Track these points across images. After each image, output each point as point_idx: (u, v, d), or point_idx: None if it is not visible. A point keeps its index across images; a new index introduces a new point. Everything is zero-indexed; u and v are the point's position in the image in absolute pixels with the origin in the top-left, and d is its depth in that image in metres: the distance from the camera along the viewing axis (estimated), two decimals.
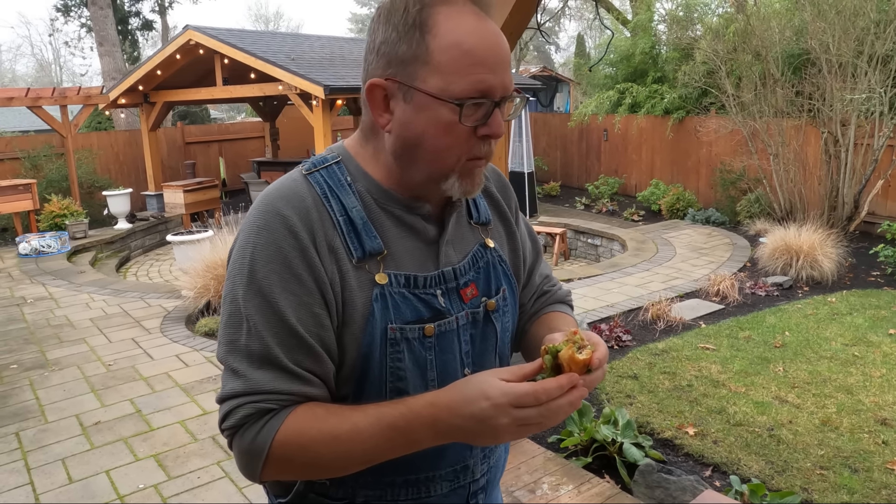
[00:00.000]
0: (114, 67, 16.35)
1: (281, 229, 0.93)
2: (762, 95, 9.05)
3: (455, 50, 0.91)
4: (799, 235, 6.94)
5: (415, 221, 1.02)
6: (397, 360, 0.97)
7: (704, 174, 11.07)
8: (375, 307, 0.96)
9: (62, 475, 3.46)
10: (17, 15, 68.05)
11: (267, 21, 52.23)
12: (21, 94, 10.19)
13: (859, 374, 4.51)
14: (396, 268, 0.99)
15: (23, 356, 5.22)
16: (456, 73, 0.91)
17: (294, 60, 10.39)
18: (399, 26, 0.93)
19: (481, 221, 1.12)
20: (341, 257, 0.96)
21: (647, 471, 3.08)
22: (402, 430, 0.88)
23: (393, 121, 0.96)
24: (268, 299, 0.92)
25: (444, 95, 0.91)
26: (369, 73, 0.97)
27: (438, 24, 0.92)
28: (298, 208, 0.95)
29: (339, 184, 0.99)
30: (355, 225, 0.97)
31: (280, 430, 0.90)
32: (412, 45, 0.92)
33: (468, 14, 0.93)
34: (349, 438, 0.89)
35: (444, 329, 1.01)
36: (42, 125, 15.38)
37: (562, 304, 1.25)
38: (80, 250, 9.32)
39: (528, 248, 1.23)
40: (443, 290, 1.02)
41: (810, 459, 3.45)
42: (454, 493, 1.09)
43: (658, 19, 12.72)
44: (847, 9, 7.93)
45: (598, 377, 0.89)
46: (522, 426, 0.85)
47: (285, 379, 0.92)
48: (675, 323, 5.56)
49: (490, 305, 1.08)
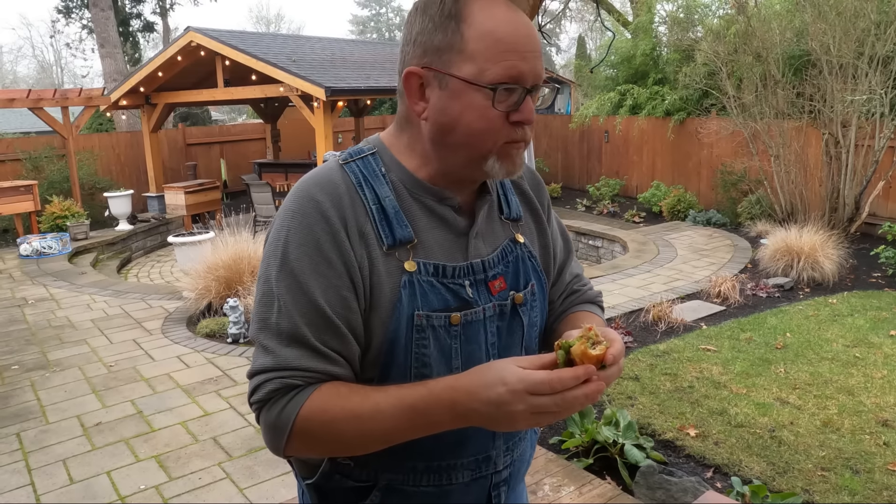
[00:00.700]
0: (115, 69, 16.37)
1: (314, 214, 0.97)
2: (763, 97, 9.05)
3: (488, 38, 0.94)
4: (800, 237, 6.93)
5: (445, 212, 1.05)
6: (422, 347, 0.99)
7: (705, 176, 11.07)
8: (403, 294, 0.98)
9: (63, 476, 3.46)
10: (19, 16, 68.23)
11: (268, 23, 52.30)
12: (22, 96, 10.20)
13: (860, 376, 4.51)
14: (426, 257, 1.01)
15: (24, 357, 5.23)
16: (489, 60, 0.94)
17: (295, 62, 10.40)
18: (435, 17, 0.97)
19: (512, 217, 1.14)
20: (371, 244, 0.99)
21: (648, 472, 3.08)
22: (422, 412, 0.91)
23: (429, 108, 0.99)
24: (298, 280, 0.96)
25: (478, 81, 0.95)
26: (406, 63, 1.01)
27: (473, 13, 0.95)
28: (332, 195, 0.99)
29: (374, 174, 1.03)
30: (387, 213, 1.00)
31: (304, 406, 0.93)
32: (447, 34, 0.96)
33: (500, 4, 0.97)
34: (370, 417, 0.92)
35: (470, 319, 1.03)
36: (43, 126, 15.40)
37: (591, 304, 1.26)
38: (81, 251, 9.33)
39: (559, 245, 1.25)
40: (471, 280, 1.04)
41: (812, 461, 3.45)
42: (476, 483, 1.11)
43: (659, 21, 12.72)
44: (847, 10, 7.93)
45: (614, 373, 0.91)
46: (537, 414, 0.86)
47: (312, 357, 0.95)
48: (676, 324, 5.56)
49: (517, 299, 1.09)
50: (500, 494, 1.15)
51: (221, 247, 6.29)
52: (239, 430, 3.92)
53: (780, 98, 8.88)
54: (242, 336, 5.38)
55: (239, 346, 5.30)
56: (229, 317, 5.35)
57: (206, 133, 15.00)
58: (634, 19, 14.06)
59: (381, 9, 49.16)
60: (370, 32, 47.97)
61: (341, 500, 1.09)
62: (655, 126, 11.79)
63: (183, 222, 11.42)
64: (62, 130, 10.82)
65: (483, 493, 1.13)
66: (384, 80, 11.33)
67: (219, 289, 5.93)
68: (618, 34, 14.01)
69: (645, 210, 11.16)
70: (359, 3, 49.00)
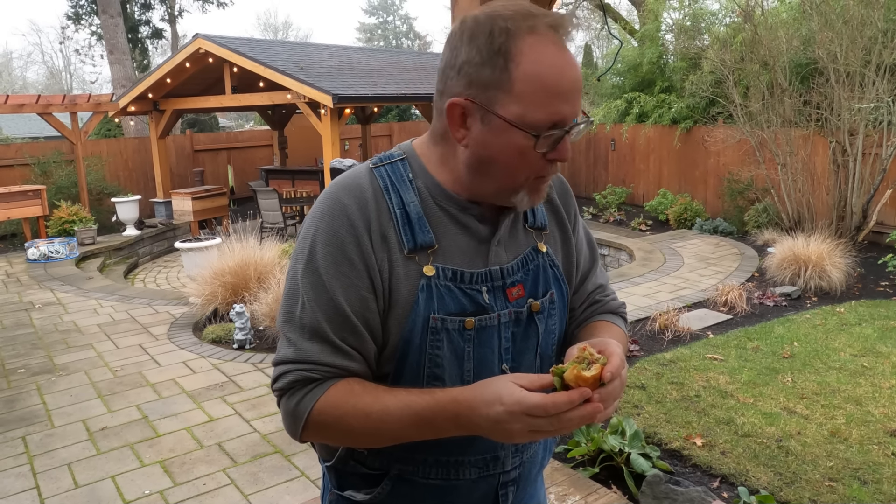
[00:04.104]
0: (124, 75, 16.47)
1: (340, 217, 1.02)
2: (770, 105, 9.04)
3: (536, 82, 0.94)
4: (807, 245, 6.90)
5: (468, 221, 1.07)
6: (436, 349, 1.03)
7: (712, 184, 11.05)
8: (420, 296, 1.02)
9: (68, 480, 3.46)
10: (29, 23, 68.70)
11: (276, 30, 52.57)
12: (32, 101, 10.28)
13: (868, 385, 4.47)
14: (445, 262, 1.05)
15: (30, 361, 5.24)
16: (534, 104, 0.95)
17: (303, 69, 10.45)
18: (483, 50, 0.96)
19: (536, 226, 1.16)
20: (393, 247, 1.03)
21: (654, 482, 3.06)
22: (427, 420, 0.96)
23: (469, 137, 1.01)
24: (322, 279, 1.01)
25: (522, 124, 0.96)
26: (448, 88, 1.00)
27: (522, 53, 0.94)
28: (359, 199, 1.03)
29: (401, 179, 1.06)
30: (410, 218, 1.04)
31: (320, 400, 1.00)
32: (495, 71, 0.95)
33: (550, 45, 0.96)
34: (379, 418, 0.97)
35: (484, 324, 1.06)
36: (52, 132, 15.50)
37: (613, 314, 1.26)
38: (88, 256, 9.36)
39: (584, 255, 1.26)
40: (489, 287, 1.07)
41: (819, 471, 3.42)
42: (483, 481, 1.14)
43: (665, 29, 12.74)
44: (854, 18, 7.92)
45: (616, 387, 0.93)
46: (534, 432, 0.90)
47: (330, 352, 1.01)
48: (682, 333, 5.53)
49: (534, 307, 1.11)
50: (508, 494, 1.18)
51: (228, 253, 6.31)
52: (244, 436, 3.92)
53: (787, 106, 8.87)
54: (248, 342, 5.39)
55: (244, 352, 5.31)
56: (235, 323, 5.36)
57: (213, 139, 15.07)
58: (641, 27, 14.07)
59: (389, 16, 49.34)
60: (377, 40, 48.15)
61: (356, 483, 1.15)
62: (662, 134, 11.78)
63: (190, 228, 11.46)
64: (71, 136, 10.88)
65: (490, 491, 1.16)
66: (391, 88, 11.37)
67: (225, 295, 5.95)
68: (624, 42, 14.03)
69: (651, 218, 11.14)
70: (366, 11, 49.22)
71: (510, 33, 0.95)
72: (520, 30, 0.95)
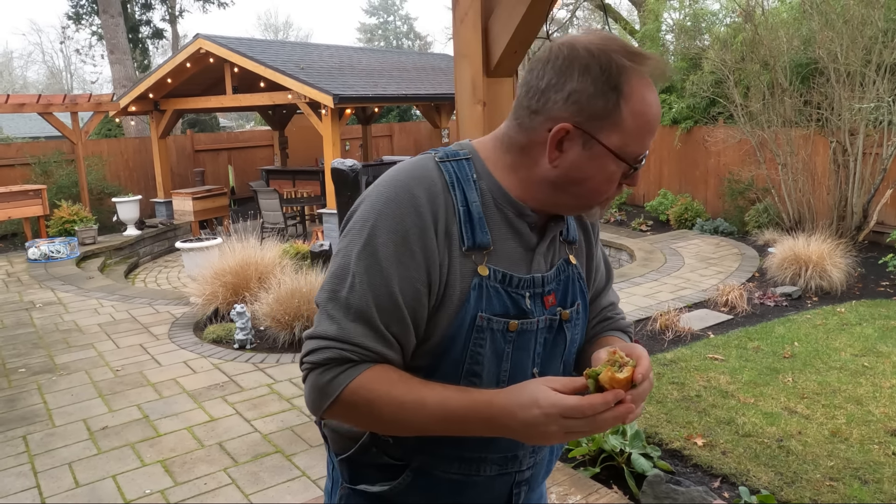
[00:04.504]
0: (124, 75, 16.48)
1: (408, 206, 1.03)
2: (770, 105, 9.03)
3: (641, 118, 1.02)
4: (808, 245, 6.90)
5: (522, 227, 1.11)
6: (479, 346, 1.07)
7: (713, 184, 11.05)
8: (472, 295, 1.05)
9: (69, 479, 3.46)
10: (29, 22, 68.74)
11: (276, 30, 52.57)
12: (32, 101, 10.29)
13: (869, 385, 4.47)
14: (496, 264, 1.08)
15: (31, 360, 5.25)
16: (634, 137, 1.03)
17: (303, 69, 10.45)
18: (598, 82, 1.01)
19: (569, 239, 1.21)
20: (453, 243, 1.05)
21: (655, 481, 3.06)
22: (460, 419, 0.99)
23: (561, 159, 1.05)
24: (380, 265, 1.02)
25: (621, 154, 1.03)
26: (547, 110, 1.04)
27: (633, 91, 1.01)
28: (429, 191, 1.05)
29: (466, 178, 1.09)
30: (472, 217, 1.06)
31: (354, 381, 1.01)
32: (608, 104, 1.01)
33: (649, 84, 1.04)
34: (412, 409, 1.00)
35: (525, 328, 1.10)
36: (53, 131, 15.51)
37: (621, 332, 1.30)
38: (88, 256, 9.37)
39: (601, 272, 1.31)
40: (531, 293, 1.12)
41: (820, 471, 3.42)
42: (500, 479, 1.18)
43: (666, 29, 12.74)
44: (855, 18, 7.92)
45: (646, 388, 0.98)
46: (569, 433, 0.95)
47: (373, 337, 1.02)
48: (683, 333, 5.53)
49: (564, 315, 1.16)
50: (521, 493, 1.22)
51: (229, 253, 6.31)
52: (245, 435, 3.92)
53: (788, 106, 8.86)
54: (249, 342, 5.39)
55: (245, 352, 5.31)
56: (236, 323, 5.36)
57: (214, 139, 15.07)
58: (641, 28, 14.07)
59: (389, 17, 49.34)
60: (378, 40, 48.15)
61: (372, 476, 1.15)
62: (662, 134, 11.78)
63: (190, 228, 11.47)
64: (71, 136, 10.89)
65: (505, 489, 1.19)
66: (392, 88, 11.37)
67: (226, 295, 5.95)
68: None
69: (652, 218, 11.14)
70: (366, 11, 49.22)
71: (624, 71, 1.01)
72: (632, 69, 1.01)
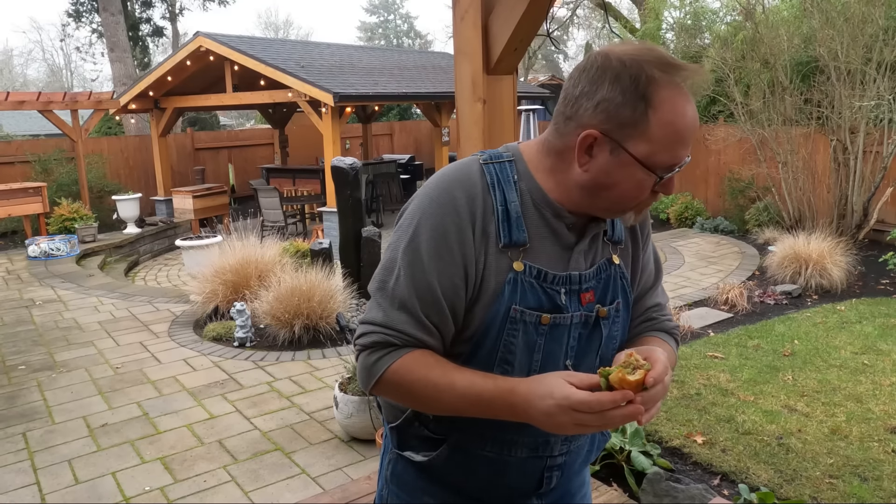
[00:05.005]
0: (124, 73, 16.47)
1: (449, 207, 1.12)
2: (771, 103, 9.02)
3: (669, 128, 1.05)
4: (808, 244, 6.89)
5: (559, 227, 1.17)
6: (511, 337, 1.14)
7: (713, 183, 11.04)
8: (506, 288, 1.12)
9: (68, 476, 3.47)
10: (29, 20, 68.83)
11: (277, 29, 52.52)
12: (32, 99, 10.29)
13: (869, 383, 4.47)
14: (533, 260, 1.14)
15: (31, 357, 5.25)
16: (663, 147, 1.05)
17: (304, 68, 10.44)
18: (627, 91, 1.04)
19: (614, 239, 1.25)
20: (490, 241, 1.13)
21: (655, 479, 3.06)
22: (486, 402, 1.08)
23: (591, 164, 1.09)
24: (421, 260, 1.12)
25: (648, 163, 1.06)
26: (579, 116, 1.09)
27: (662, 101, 1.04)
28: (469, 193, 1.13)
29: (507, 179, 1.16)
30: (510, 216, 1.13)
31: (395, 363, 1.12)
32: (635, 113, 1.04)
33: (682, 95, 1.06)
34: (444, 390, 1.10)
35: (557, 322, 1.16)
36: (53, 129, 15.49)
37: (666, 333, 1.32)
38: (89, 254, 9.37)
39: (648, 271, 1.33)
40: (566, 289, 1.17)
41: (819, 468, 3.42)
42: (532, 462, 1.24)
43: (666, 28, 12.74)
44: (855, 16, 7.91)
45: (658, 392, 1.02)
46: (580, 426, 1.02)
47: (413, 325, 1.12)
48: (683, 331, 5.53)
49: (601, 312, 1.21)
50: (553, 478, 1.28)
51: (229, 251, 6.31)
52: (244, 433, 3.92)
53: (788, 104, 8.86)
54: (249, 340, 5.39)
55: (245, 349, 5.31)
56: (236, 321, 5.36)
57: (214, 138, 15.07)
58: (642, 26, 14.06)
59: (390, 15, 49.29)
60: (378, 39, 48.10)
61: (416, 445, 1.26)
62: None
63: (191, 226, 11.46)
64: (71, 133, 10.89)
65: (537, 472, 1.26)
66: (392, 87, 11.36)
67: (226, 293, 5.95)
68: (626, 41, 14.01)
69: (652, 217, 11.12)
70: (367, 10, 49.17)
71: (654, 82, 1.03)
72: (663, 80, 1.04)
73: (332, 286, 5.56)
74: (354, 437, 3.79)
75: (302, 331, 5.28)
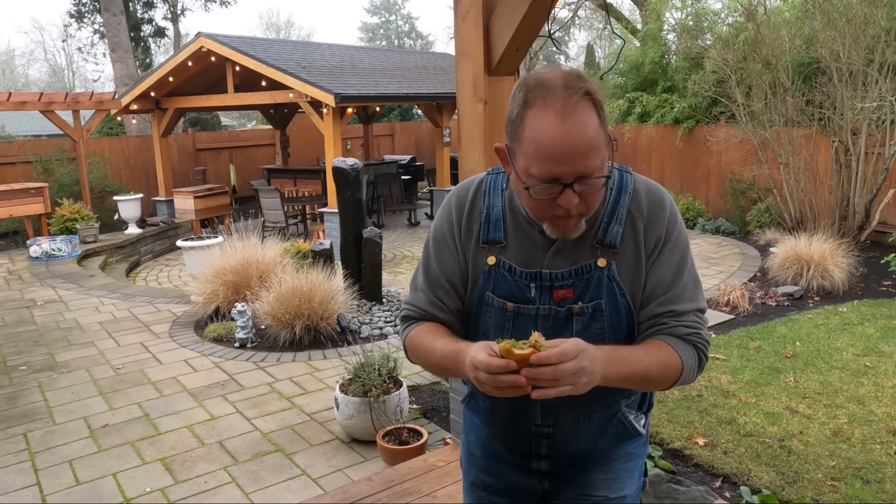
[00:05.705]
0: (126, 74, 16.48)
1: (447, 208, 1.44)
2: (772, 104, 9.01)
3: (532, 144, 1.18)
4: (809, 245, 6.88)
5: (533, 232, 1.35)
6: (487, 317, 1.38)
7: (714, 184, 11.03)
8: (482, 277, 1.38)
9: (69, 477, 3.46)
10: (31, 20, 68.79)
11: (278, 29, 52.55)
12: (34, 99, 10.29)
13: (871, 385, 4.46)
14: (507, 257, 1.35)
15: (32, 358, 5.25)
16: (532, 162, 1.19)
17: (305, 68, 10.44)
18: (514, 110, 1.22)
19: (605, 244, 1.32)
20: (473, 238, 1.39)
21: (656, 481, 3.06)
22: (451, 360, 1.30)
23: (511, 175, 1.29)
24: (430, 251, 1.45)
25: (523, 175, 1.23)
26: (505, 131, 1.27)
27: (528, 120, 1.18)
28: (461, 197, 1.42)
29: (496, 188, 1.40)
30: (491, 219, 1.37)
31: (412, 332, 1.44)
32: (515, 131, 1.22)
33: (549, 115, 1.16)
34: (430, 352, 1.36)
35: (521, 311, 1.34)
36: (54, 130, 15.51)
37: (676, 339, 1.31)
38: (90, 254, 9.37)
39: (658, 279, 1.33)
40: (537, 284, 1.33)
41: (821, 470, 3.41)
42: (517, 422, 1.45)
43: (668, 29, 12.72)
44: (857, 17, 7.90)
45: (544, 373, 1.11)
46: (480, 383, 1.17)
47: (426, 302, 1.44)
48: None
49: (574, 309, 1.32)
50: (542, 445, 1.44)
51: (230, 252, 6.31)
52: (245, 434, 3.92)
53: (790, 106, 8.85)
54: (250, 341, 5.39)
55: (246, 350, 5.31)
56: (237, 321, 5.36)
57: (215, 138, 15.07)
58: (643, 27, 14.04)
59: (391, 16, 49.30)
60: (379, 39, 48.12)
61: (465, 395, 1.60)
62: (664, 134, 11.76)
63: (192, 227, 11.46)
64: (73, 134, 10.89)
65: (526, 433, 1.44)
66: (393, 87, 11.36)
67: (227, 293, 5.94)
68: (627, 42, 14.01)
69: None
70: (368, 11, 49.18)
71: (526, 102, 1.18)
72: (534, 100, 1.17)
73: (332, 287, 5.56)
74: (355, 439, 3.79)
75: (303, 332, 5.27)
